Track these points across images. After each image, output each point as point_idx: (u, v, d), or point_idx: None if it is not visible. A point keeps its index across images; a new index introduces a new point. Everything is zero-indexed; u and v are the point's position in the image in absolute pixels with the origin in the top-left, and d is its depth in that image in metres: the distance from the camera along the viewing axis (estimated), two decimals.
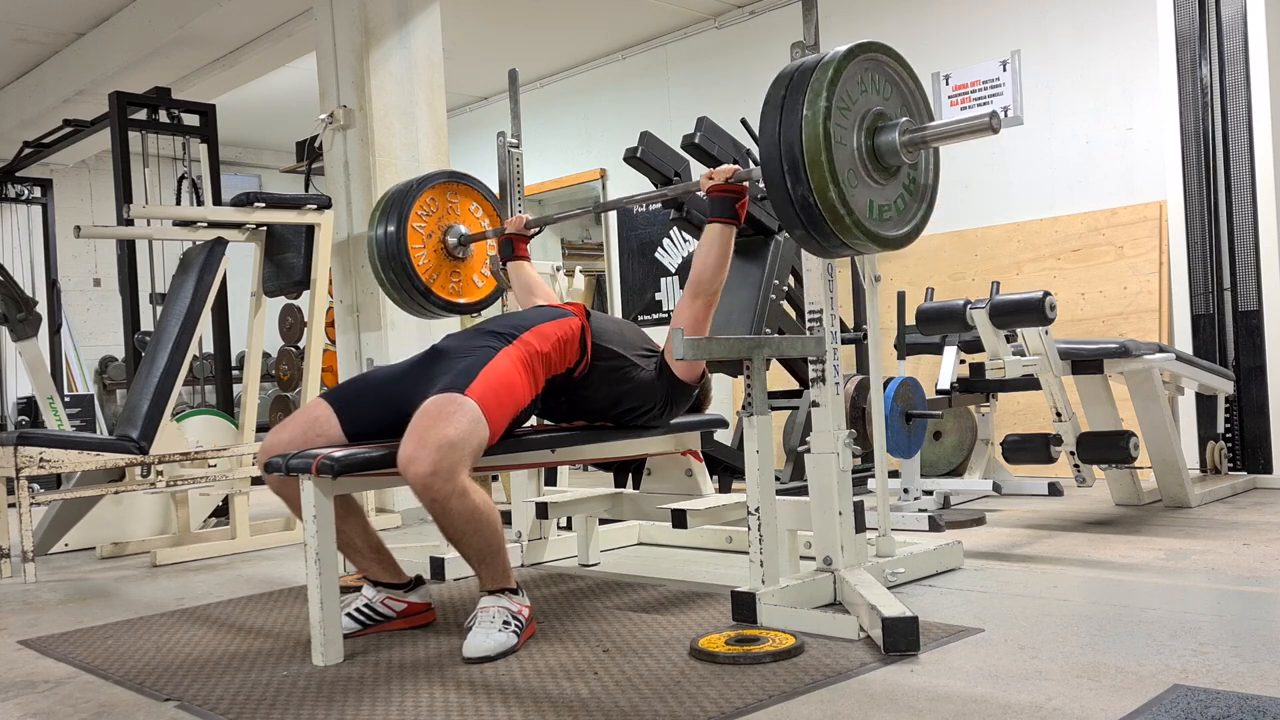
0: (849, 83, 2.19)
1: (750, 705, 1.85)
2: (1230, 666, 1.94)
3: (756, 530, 2.43)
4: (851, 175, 2.17)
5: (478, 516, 2.30)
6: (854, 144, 2.19)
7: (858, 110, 2.20)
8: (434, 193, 3.39)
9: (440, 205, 3.38)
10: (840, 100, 2.15)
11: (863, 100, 2.22)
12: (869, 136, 2.21)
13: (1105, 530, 3.55)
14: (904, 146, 2.22)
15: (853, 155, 2.19)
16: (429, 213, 3.34)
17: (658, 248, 7.00)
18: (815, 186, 2.11)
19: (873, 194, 2.23)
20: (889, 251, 2.35)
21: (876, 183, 2.24)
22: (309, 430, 2.48)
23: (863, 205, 2.19)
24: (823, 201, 2.11)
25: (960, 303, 3.69)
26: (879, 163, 2.23)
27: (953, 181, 5.58)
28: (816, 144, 2.10)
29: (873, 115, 2.22)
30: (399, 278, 3.30)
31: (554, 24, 6.62)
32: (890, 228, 2.28)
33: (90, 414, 8.06)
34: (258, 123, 8.48)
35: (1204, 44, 4.68)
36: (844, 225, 2.14)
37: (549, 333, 2.58)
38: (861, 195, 2.20)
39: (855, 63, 2.18)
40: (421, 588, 2.63)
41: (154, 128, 5.47)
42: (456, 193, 3.44)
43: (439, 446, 2.22)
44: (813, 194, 2.11)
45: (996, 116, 2.16)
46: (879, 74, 2.27)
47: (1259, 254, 4.56)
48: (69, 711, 2.07)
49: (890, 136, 2.21)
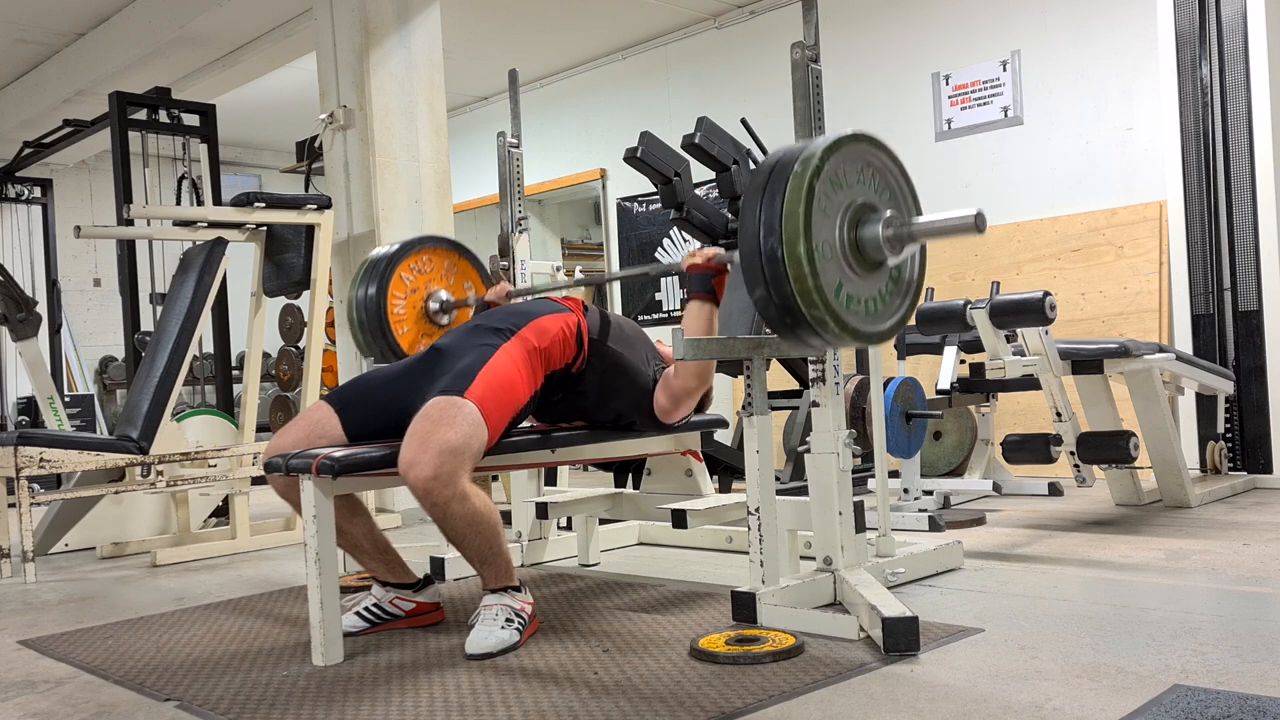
0: (833, 173, 2.11)
1: (750, 705, 1.85)
2: (1230, 666, 1.93)
3: (756, 530, 2.43)
4: (832, 268, 2.09)
5: (478, 519, 2.31)
6: (836, 236, 2.11)
7: (840, 203, 2.13)
8: (416, 258, 3.37)
9: (429, 268, 3.37)
10: (823, 192, 2.07)
11: (844, 193, 2.14)
12: (852, 229, 2.14)
13: (1105, 530, 3.55)
14: (887, 241, 2.14)
15: (834, 248, 2.11)
16: (413, 276, 3.33)
17: (658, 248, 7.00)
18: (799, 294, 2.03)
19: (854, 288, 2.15)
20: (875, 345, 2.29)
21: (861, 276, 2.16)
22: (311, 433, 2.48)
23: (843, 300, 2.11)
24: (807, 307, 2.04)
25: (960, 303, 3.69)
26: (862, 256, 2.15)
27: (953, 182, 5.60)
28: (797, 252, 2.01)
29: (856, 208, 2.15)
30: (375, 339, 3.23)
31: (554, 24, 6.62)
32: (871, 323, 2.19)
33: (90, 414, 8.06)
34: (258, 123, 8.48)
35: (1204, 44, 4.68)
36: (829, 329, 2.07)
37: (548, 328, 2.58)
38: (843, 290, 2.12)
39: (835, 158, 2.11)
40: (430, 587, 2.64)
41: (154, 128, 5.47)
42: (436, 256, 3.42)
43: (440, 451, 2.22)
44: (796, 301, 2.04)
45: (982, 217, 2.06)
46: (865, 165, 2.20)
47: (1259, 254, 4.56)
48: (69, 711, 2.07)
49: (874, 230, 2.14)
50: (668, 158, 3.00)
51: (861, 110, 5.89)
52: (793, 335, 2.14)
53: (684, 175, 3.04)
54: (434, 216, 4.95)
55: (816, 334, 2.11)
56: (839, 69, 5.66)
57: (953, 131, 5.64)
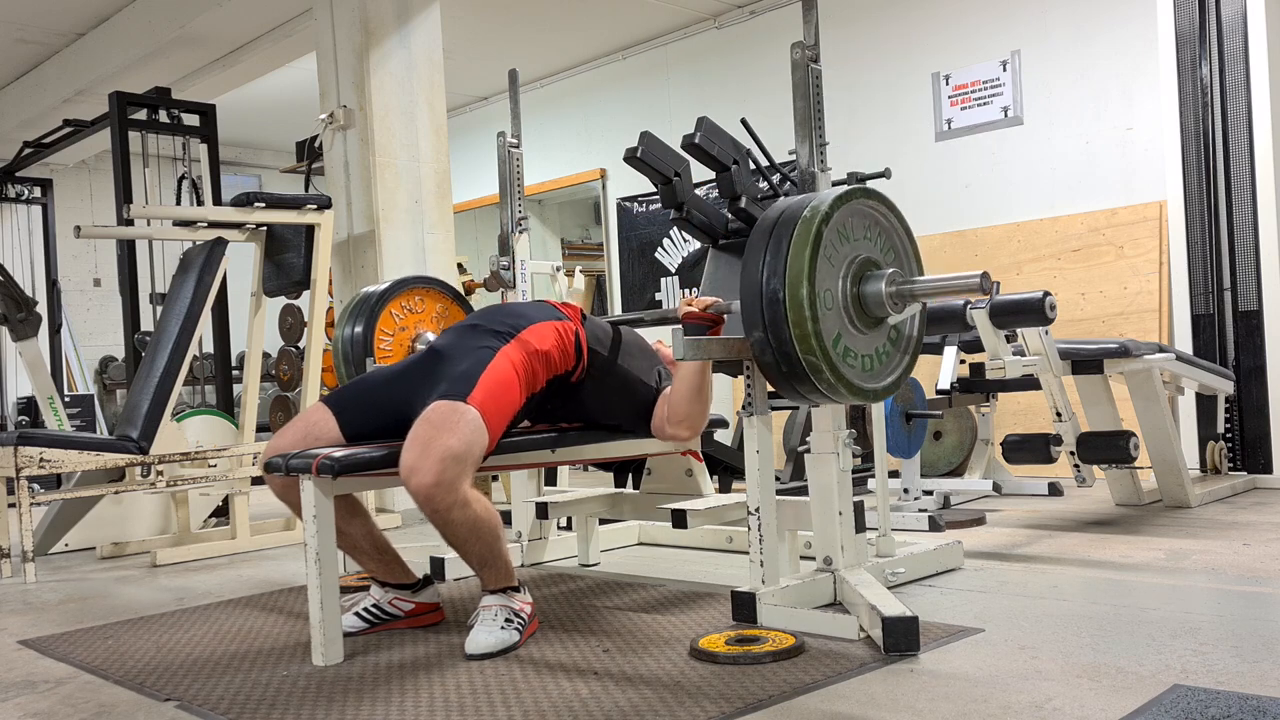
0: (841, 224, 2.12)
1: (750, 705, 1.85)
2: (1230, 666, 1.93)
3: (756, 530, 2.43)
4: (833, 319, 2.10)
5: (479, 525, 2.31)
6: (839, 291, 2.12)
7: (844, 257, 2.14)
8: (408, 297, 3.38)
9: (420, 309, 3.39)
10: (829, 241, 2.08)
11: (849, 247, 2.15)
12: (855, 284, 2.15)
13: (1105, 530, 3.55)
14: (890, 298, 2.15)
15: (837, 304, 2.12)
16: (403, 314, 3.35)
17: (658, 248, 7.00)
18: (798, 339, 2.04)
19: (853, 342, 2.16)
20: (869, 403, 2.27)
21: (861, 332, 2.17)
22: (309, 434, 2.47)
23: (840, 351, 2.12)
24: (804, 353, 2.05)
25: (960, 303, 3.69)
26: (864, 312, 2.16)
27: (953, 182, 5.60)
28: (799, 295, 2.02)
29: (859, 263, 2.15)
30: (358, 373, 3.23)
31: (554, 24, 6.62)
32: (873, 380, 2.20)
33: (90, 414, 8.06)
34: (258, 123, 8.48)
35: (1204, 44, 4.68)
36: (825, 378, 2.08)
37: (547, 333, 2.57)
38: (841, 341, 2.13)
39: (844, 209, 2.12)
40: (430, 587, 2.63)
41: (154, 128, 5.47)
42: (429, 299, 3.43)
43: (442, 458, 2.22)
44: (794, 345, 2.05)
45: (988, 278, 2.08)
46: (872, 223, 2.20)
47: (1259, 254, 4.56)
48: (69, 711, 2.07)
49: (877, 287, 2.15)
50: (668, 158, 3.00)
51: (861, 110, 5.89)
52: (787, 383, 2.14)
53: (684, 175, 3.04)
54: (434, 216, 4.95)
55: (811, 382, 2.09)
56: (839, 69, 5.66)
57: (953, 131, 5.64)
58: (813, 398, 2.18)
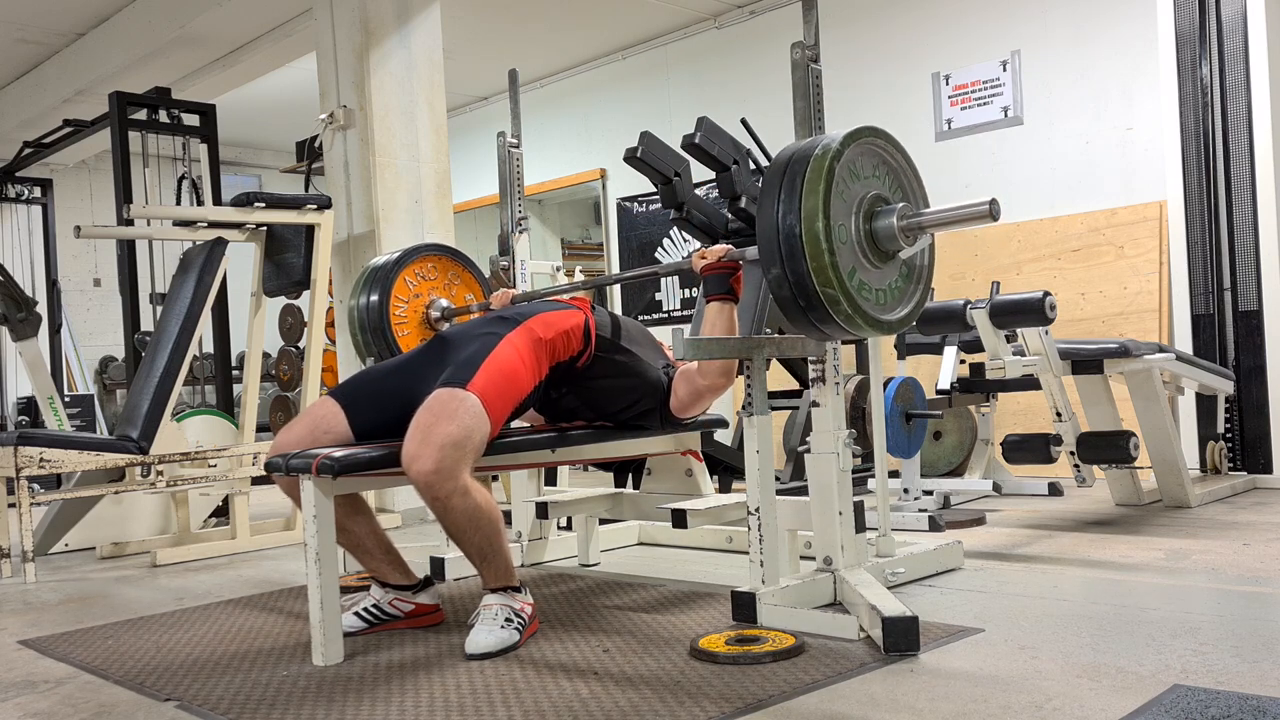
0: (851, 162, 2.16)
1: (750, 705, 1.85)
2: (1230, 666, 1.93)
3: (756, 530, 2.43)
4: (847, 253, 2.13)
5: (479, 514, 2.31)
6: (852, 228, 2.15)
7: (855, 195, 2.17)
8: (421, 264, 3.40)
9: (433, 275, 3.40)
10: (841, 177, 2.12)
11: (860, 185, 2.19)
12: (866, 220, 2.18)
13: (1105, 530, 3.55)
14: (902, 231, 2.18)
15: (851, 239, 2.15)
16: (416, 281, 3.36)
17: (658, 248, 7.00)
18: (814, 271, 2.06)
19: (868, 276, 2.19)
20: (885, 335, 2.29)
21: (874, 266, 2.20)
22: (316, 429, 2.47)
23: (856, 284, 2.15)
24: (822, 286, 2.07)
25: (960, 303, 3.69)
26: (876, 247, 2.19)
27: (953, 182, 5.60)
28: (815, 228, 2.05)
29: (870, 200, 2.19)
30: (375, 339, 3.27)
31: (554, 24, 6.62)
32: (888, 311, 2.23)
33: (90, 414, 8.06)
34: (258, 123, 8.48)
35: (1204, 44, 4.68)
36: (842, 310, 2.10)
37: (553, 321, 2.58)
38: (856, 274, 2.15)
39: (853, 147, 2.15)
40: (431, 588, 2.63)
41: (154, 128, 5.47)
42: (440, 265, 3.45)
43: (442, 445, 2.22)
44: (811, 279, 2.07)
45: (995, 204, 2.10)
46: (876, 159, 2.24)
47: (1259, 254, 4.56)
48: (69, 711, 2.07)
49: (888, 221, 2.18)
50: (668, 158, 3.00)
51: (861, 110, 5.88)
52: (804, 318, 2.16)
53: (684, 175, 3.04)
54: (434, 216, 4.95)
55: (830, 316, 2.12)
56: (839, 69, 5.66)
57: (953, 131, 5.64)
58: (830, 330, 2.20)
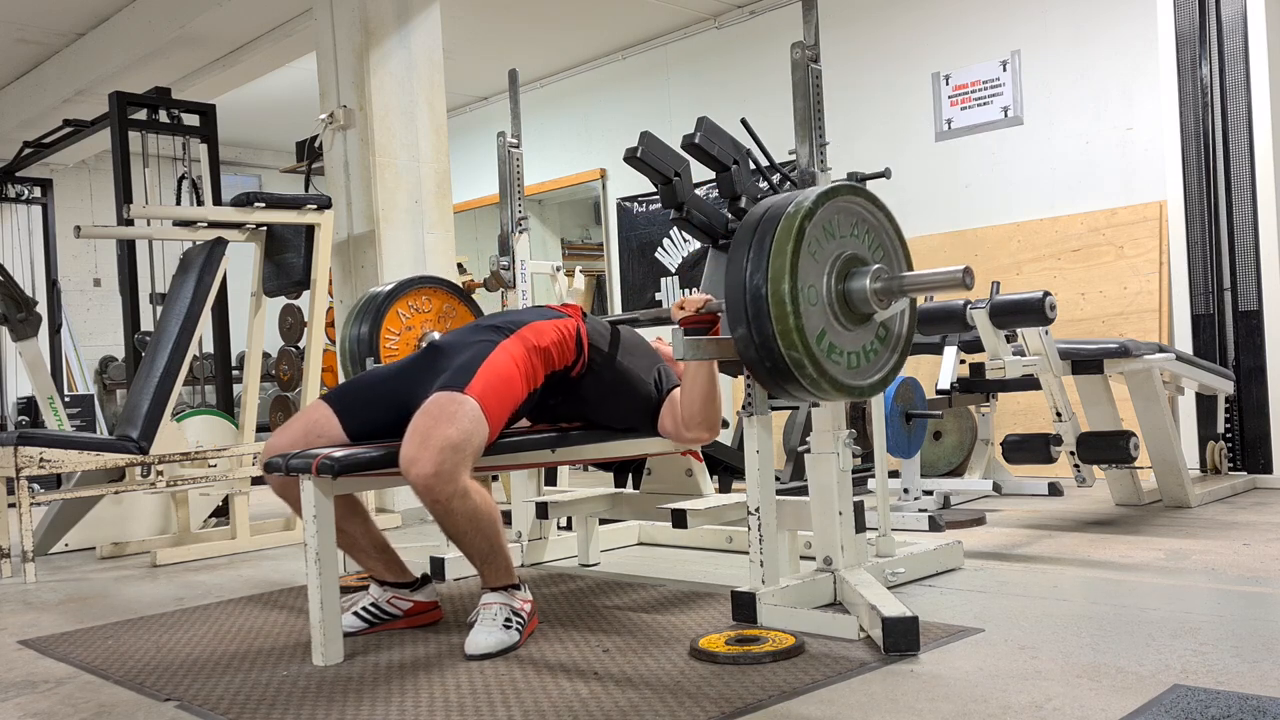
0: (825, 220, 2.11)
1: (750, 705, 1.85)
2: (1230, 666, 1.93)
3: (756, 530, 2.43)
4: (817, 315, 2.09)
5: (479, 516, 2.31)
6: (824, 288, 2.11)
7: (829, 253, 2.12)
8: (415, 297, 3.41)
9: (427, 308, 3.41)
10: (813, 236, 2.07)
11: (835, 244, 2.14)
12: (840, 280, 2.13)
13: (1105, 530, 3.55)
14: (875, 294, 2.14)
15: (822, 300, 2.11)
16: (409, 314, 3.37)
17: (658, 248, 7.00)
18: (780, 334, 2.02)
19: (838, 338, 2.14)
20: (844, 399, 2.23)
21: (846, 329, 2.16)
22: (310, 432, 2.48)
23: (824, 347, 2.11)
24: (787, 349, 2.03)
25: (960, 303, 3.69)
26: (850, 309, 2.15)
27: (953, 182, 5.60)
28: (781, 290, 2.00)
29: (845, 259, 2.14)
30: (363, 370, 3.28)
31: (554, 24, 6.62)
32: (860, 376, 2.18)
33: (90, 414, 8.06)
34: (258, 123, 8.48)
35: (1204, 44, 4.68)
36: (808, 374, 2.06)
37: (546, 330, 2.58)
38: (825, 337, 2.11)
39: (828, 205, 2.11)
40: (428, 586, 2.64)
41: (154, 128, 5.47)
42: (435, 298, 3.46)
43: (441, 449, 2.22)
44: (776, 341, 2.03)
45: (969, 273, 2.07)
46: (854, 217, 2.19)
47: (1259, 254, 4.56)
48: (69, 711, 2.07)
49: (861, 282, 2.14)
50: (668, 158, 3.00)
51: (861, 110, 5.89)
52: (771, 379, 2.12)
53: (684, 175, 3.04)
54: (434, 216, 4.95)
55: (795, 378, 2.07)
56: (839, 69, 5.66)
57: (953, 131, 5.64)
58: (798, 394, 2.17)
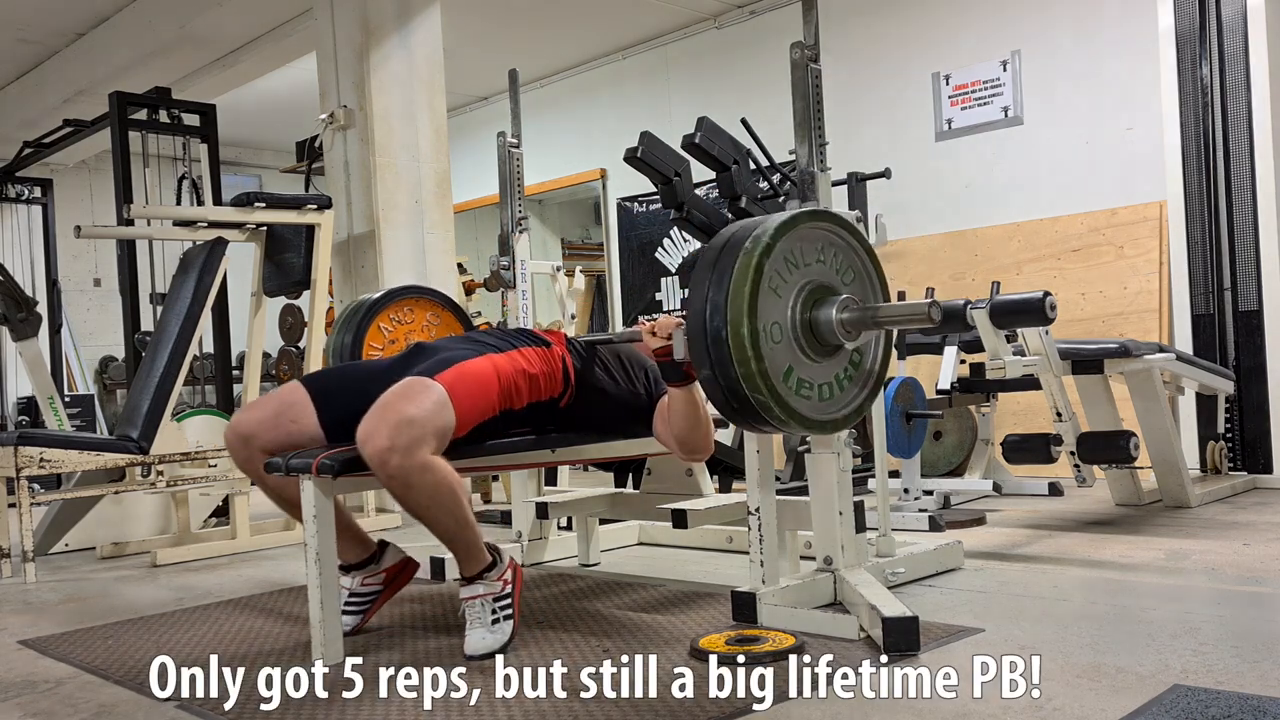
0: (787, 251, 2.04)
1: (750, 705, 1.85)
2: (1230, 666, 1.93)
3: (756, 530, 2.43)
4: (782, 351, 2.02)
5: (439, 492, 2.24)
6: (788, 321, 2.04)
7: (794, 283, 2.05)
8: (397, 309, 3.40)
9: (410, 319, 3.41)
10: (774, 271, 2.00)
11: (799, 273, 2.06)
12: (806, 309, 2.06)
13: (1105, 530, 3.55)
14: (841, 325, 2.07)
15: (786, 335, 2.04)
16: (392, 326, 3.37)
17: (658, 248, 7.00)
18: (743, 378, 1.95)
19: (807, 372, 2.07)
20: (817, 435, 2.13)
21: (814, 360, 2.08)
22: (282, 414, 2.46)
23: (792, 384, 2.04)
24: (752, 392, 1.96)
25: (960, 303, 3.68)
26: (816, 339, 2.08)
27: (953, 182, 5.60)
28: (741, 334, 1.93)
29: (814, 288, 2.07)
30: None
31: (554, 24, 6.62)
32: (830, 410, 2.11)
33: (90, 414, 8.06)
34: (258, 123, 8.48)
35: (1204, 44, 4.68)
36: (775, 415, 1.99)
37: (533, 358, 2.53)
38: (793, 374, 2.04)
39: (788, 237, 2.03)
40: (389, 549, 2.63)
41: (154, 128, 5.47)
42: (419, 308, 3.46)
43: (397, 423, 2.19)
44: (741, 385, 1.95)
45: (936, 306, 2.01)
46: (826, 244, 2.12)
47: (1259, 254, 4.56)
48: (69, 711, 2.07)
49: (828, 313, 2.06)
50: (668, 158, 3.00)
51: (861, 110, 5.89)
52: (739, 419, 2.07)
53: (684, 175, 3.04)
54: (434, 216, 4.95)
55: (763, 419, 2.03)
56: (839, 69, 5.66)
57: (953, 131, 5.64)
58: (769, 431, 2.12)
